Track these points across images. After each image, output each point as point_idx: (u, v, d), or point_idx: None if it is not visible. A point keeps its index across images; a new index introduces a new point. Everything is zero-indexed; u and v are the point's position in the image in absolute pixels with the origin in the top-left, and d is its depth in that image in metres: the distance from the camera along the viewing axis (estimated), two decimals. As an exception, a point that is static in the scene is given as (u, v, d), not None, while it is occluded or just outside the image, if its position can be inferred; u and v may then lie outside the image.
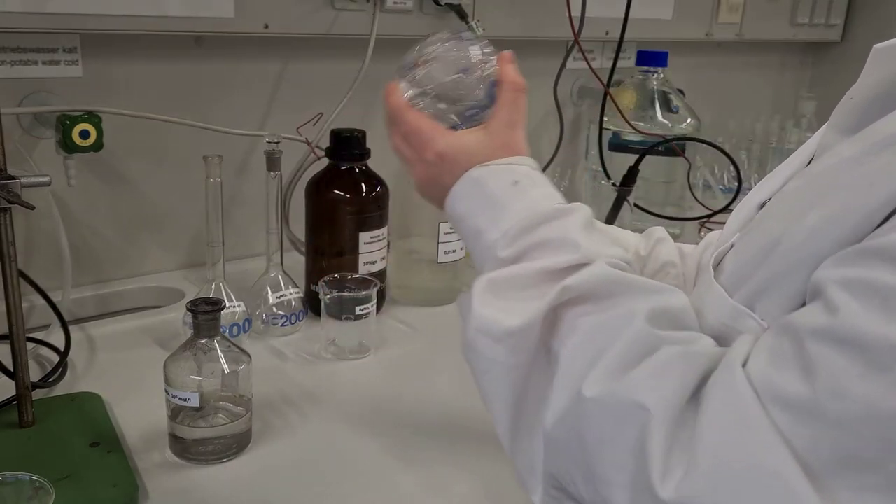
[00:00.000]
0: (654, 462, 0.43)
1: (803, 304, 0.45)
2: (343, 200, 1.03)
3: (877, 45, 0.52)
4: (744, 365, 0.44)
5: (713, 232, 0.75)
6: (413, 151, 0.66)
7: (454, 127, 0.66)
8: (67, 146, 0.98)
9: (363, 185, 1.04)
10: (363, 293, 0.97)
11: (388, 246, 1.10)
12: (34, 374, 0.83)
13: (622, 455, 0.45)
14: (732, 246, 0.56)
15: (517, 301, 0.53)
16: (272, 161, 0.98)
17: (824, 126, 0.57)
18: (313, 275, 1.06)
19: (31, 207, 0.73)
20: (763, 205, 0.58)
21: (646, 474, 0.43)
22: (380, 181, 1.06)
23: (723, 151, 1.36)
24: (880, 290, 0.39)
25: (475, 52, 0.66)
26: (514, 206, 0.59)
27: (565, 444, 0.49)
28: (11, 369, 0.77)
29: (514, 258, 0.57)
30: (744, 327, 0.49)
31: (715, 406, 0.44)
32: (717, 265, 0.56)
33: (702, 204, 1.50)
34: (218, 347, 0.76)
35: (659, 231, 0.79)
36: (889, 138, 0.45)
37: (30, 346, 0.87)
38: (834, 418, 0.39)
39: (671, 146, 1.36)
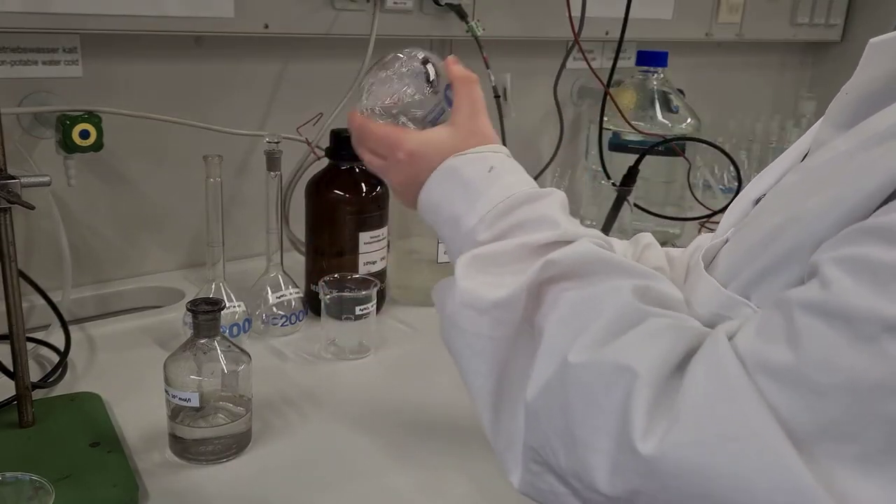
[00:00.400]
0: (636, 421, 0.43)
1: None
2: (343, 200, 1.03)
3: (872, 40, 0.52)
4: (731, 338, 0.45)
5: (702, 235, 0.75)
6: (383, 159, 0.67)
7: None
8: (67, 146, 0.98)
9: (363, 185, 1.04)
10: (363, 293, 0.97)
11: (388, 246, 1.10)
12: (34, 374, 0.83)
13: (606, 418, 0.45)
14: (727, 241, 0.57)
15: (501, 275, 0.54)
16: (272, 161, 0.98)
17: (819, 121, 0.57)
18: (313, 275, 1.06)
19: (31, 207, 0.73)
20: (758, 200, 0.58)
21: (627, 434, 0.44)
22: (380, 181, 1.06)
23: (723, 151, 1.36)
24: (872, 264, 0.40)
25: (421, 62, 0.68)
26: (490, 191, 0.59)
27: (547, 414, 0.49)
28: (11, 369, 0.77)
29: (495, 240, 0.57)
30: (737, 315, 0.50)
31: (699, 373, 0.44)
32: (711, 261, 0.57)
33: (702, 204, 1.50)
34: (218, 347, 0.76)
35: (646, 237, 0.80)
36: (884, 133, 0.46)
37: (30, 346, 0.87)
38: (817, 388, 0.40)
39: (671, 146, 1.36)
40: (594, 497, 0.47)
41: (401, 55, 0.68)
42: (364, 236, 1.04)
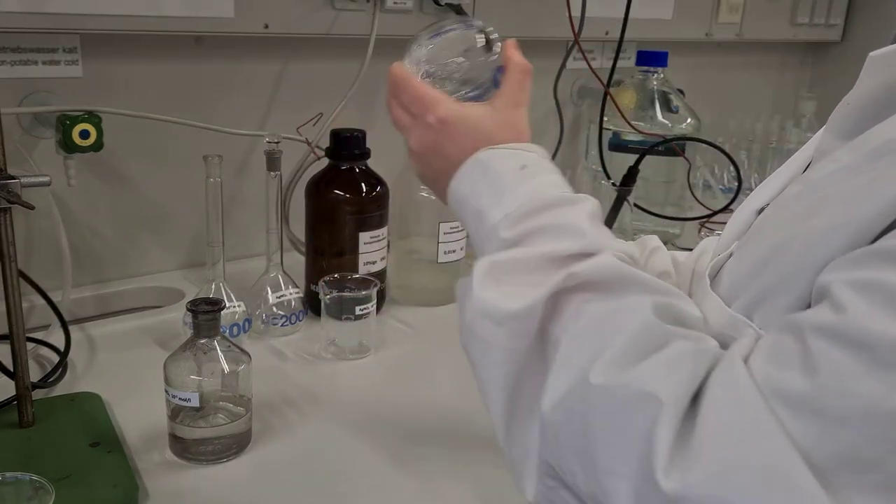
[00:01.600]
0: (660, 453, 0.42)
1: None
2: (343, 200, 1.03)
3: (872, 53, 0.52)
4: (745, 361, 0.44)
5: (708, 238, 0.75)
6: (413, 118, 0.65)
7: None
8: (67, 146, 0.98)
9: (363, 185, 1.04)
10: (363, 293, 0.97)
11: (388, 246, 1.10)
12: (34, 374, 0.83)
13: (628, 445, 0.44)
14: (731, 255, 0.56)
15: (519, 285, 0.53)
16: (272, 161, 0.98)
17: (821, 130, 0.57)
18: (313, 275, 1.06)
19: (31, 207, 0.73)
20: (761, 210, 0.58)
21: (650, 466, 0.43)
22: (380, 181, 1.06)
23: (723, 151, 1.36)
24: (886, 288, 0.39)
25: (481, 36, 0.67)
26: (519, 189, 0.58)
27: (565, 431, 0.48)
28: (11, 369, 0.77)
29: (517, 240, 0.56)
30: (742, 335, 0.49)
31: (717, 400, 0.43)
32: (716, 275, 0.56)
33: (702, 204, 1.50)
34: (218, 347, 0.76)
35: (653, 240, 0.79)
36: (886, 145, 0.45)
37: (30, 346, 0.87)
38: (834, 415, 0.39)
39: (671, 146, 1.36)
40: None
41: (461, 24, 0.66)
42: (364, 236, 1.04)
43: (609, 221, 1.24)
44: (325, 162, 1.06)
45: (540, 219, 0.56)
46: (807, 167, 0.57)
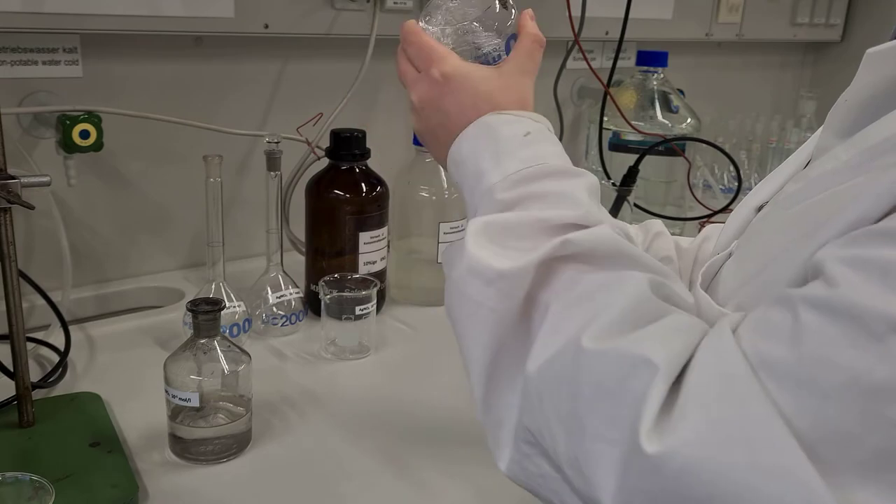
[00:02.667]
0: (646, 418, 0.42)
1: None
2: (343, 200, 1.03)
3: (870, 50, 0.52)
4: (734, 331, 0.44)
5: (711, 225, 0.75)
6: (416, 72, 0.66)
7: None
8: (67, 146, 0.98)
9: (363, 185, 1.04)
10: (363, 293, 0.97)
11: (388, 246, 1.10)
12: (34, 374, 0.83)
13: (620, 410, 0.44)
14: (730, 255, 0.56)
15: (512, 248, 0.52)
16: (272, 161, 0.98)
17: (821, 128, 0.57)
18: (313, 275, 1.06)
19: (31, 207, 0.73)
20: (761, 208, 0.58)
21: (636, 429, 0.42)
22: (380, 181, 1.06)
23: (723, 151, 1.36)
24: (882, 264, 0.39)
25: (497, 1, 0.67)
26: (521, 153, 0.58)
27: (550, 394, 0.48)
28: (11, 369, 0.77)
29: (513, 203, 0.55)
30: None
31: (703, 367, 0.43)
32: (716, 273, 0.56)
33: (702, 204, 1.50)
34: (218, 347, 0.76)
35: (657, 225, 0.79)
36: (884, 143, 0.45)
37: (30, 346, 0.87)
38: (817, 387, 0.39)
39: (671, 146, 1.36)
40: (585, 489, 0.46)
41: None
42: (364, 236, 1.04)
43: (609, 221, 1.24)
44: (325, 162, 1.06)
45: (539, 185, 0.56)
46: (806, 165, 0.57)
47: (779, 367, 0.40)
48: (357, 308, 0.96)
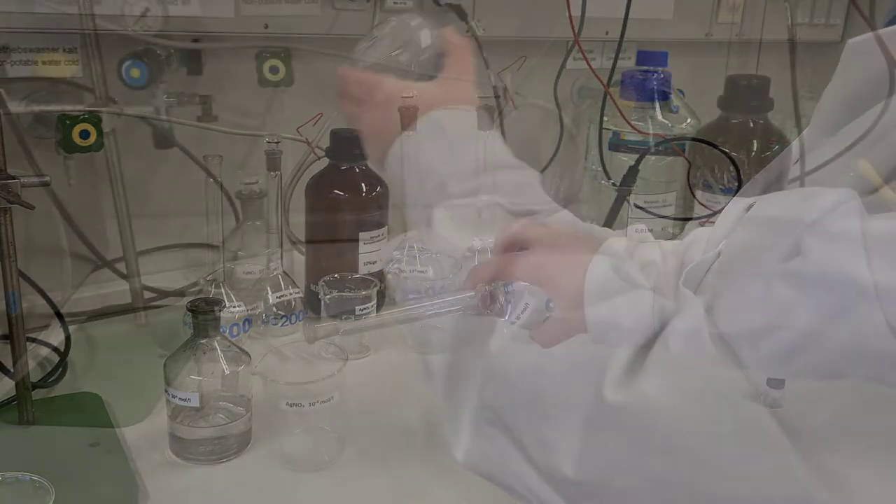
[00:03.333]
0: (611, 374, 0.43)
1: None
2: (343, 200, 1.03)
3: (850, 40, 0.52)
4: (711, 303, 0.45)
5: (699, 228, 0.74)
6: (359, 104, 0.68)
7: None
8: (67, 146, 0.98)
9: (363, 185, 1.04)
10: (363, 293, 0.97)
11: (388, 246, 1.10)
12: (34, 374, 0.83)
13: (585, 374, 0.45)
14: (719, 254, 0.56)
15: (471, 234, 0.56)
16: (272, 161, 0.98)
17: (808, 128, 0.58)
18: (313, 275, 1.06)
19: (31, 207, 0.73)
20: (750, 207, 0.58)
21: (600, 384, 0.43)
22: (380, 181, 1.06)
23: (723, 151, 1.36)
24: (852, 235, 0.40)
25: (417, 28, 0.70)
26: (471, 147, 0.60)
27: (515, 370, 0.49)
28: (11, 369, 0.77)
29: (466, 195, 0.58)
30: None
31: (672, 332, 0.44)
32: (705, 274, 0.56)
33: (702, 204, 1.50)
34: (218, 347, 0.76)
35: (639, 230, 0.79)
36: (866, 140, 0.47)
37: (30, 345, 0.87)
38: (770, 351, 0.40)
39: (671, 146, 1.36)
40: (546, 461, 0.46)
41: (395, 19, 0.70)
42: (364, 236, 1.04)
43: (609, 222, 1.24)
44: (325, 162, 1.06)
45: (491, 177, 0.59)
46: (795, 163, 0.57)
47: (744, 334, 0.41)
48: (357, 308, 0.96)
